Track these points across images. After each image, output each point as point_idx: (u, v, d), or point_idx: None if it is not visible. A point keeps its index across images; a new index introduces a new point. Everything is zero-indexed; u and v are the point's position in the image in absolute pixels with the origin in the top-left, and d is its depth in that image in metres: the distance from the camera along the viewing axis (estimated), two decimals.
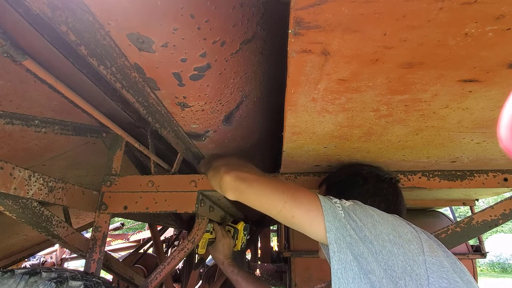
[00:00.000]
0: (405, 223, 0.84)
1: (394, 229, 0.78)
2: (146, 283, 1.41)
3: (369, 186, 1.04)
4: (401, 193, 1.10)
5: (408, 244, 0.75)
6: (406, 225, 0.82)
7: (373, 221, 0.78)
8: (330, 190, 1.13)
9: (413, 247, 0.75)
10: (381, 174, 1.10)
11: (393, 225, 0.79)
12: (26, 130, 1.23)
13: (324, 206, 0.80)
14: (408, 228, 0.80)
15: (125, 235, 6.48)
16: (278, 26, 0.77)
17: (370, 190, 1.04)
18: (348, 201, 0.86)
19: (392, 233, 0.76)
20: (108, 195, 1.39)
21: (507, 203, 1.34)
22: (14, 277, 0.93)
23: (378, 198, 1.02)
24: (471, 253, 2.47)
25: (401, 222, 0.83)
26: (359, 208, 0.82)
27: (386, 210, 0.97)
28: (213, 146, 1.20)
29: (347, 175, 1.12)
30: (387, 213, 0.85)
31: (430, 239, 0.83)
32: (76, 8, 0.63)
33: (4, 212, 1.02)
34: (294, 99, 0.71)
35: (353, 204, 0.83)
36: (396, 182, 1.11)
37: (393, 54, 0.54)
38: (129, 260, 3.66)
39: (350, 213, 0.79)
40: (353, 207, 0.82)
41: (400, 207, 1.05)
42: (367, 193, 1.03)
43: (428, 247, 0.77)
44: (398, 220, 0.83)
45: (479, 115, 0.79)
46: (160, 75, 0.72)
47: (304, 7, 0.44)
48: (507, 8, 0.44)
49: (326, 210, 0.79)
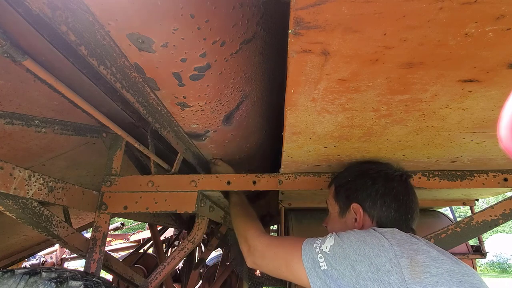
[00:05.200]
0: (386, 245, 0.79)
1: (371, 264, 0.77)
2: (146, 283, 1.41)
3: (378, 187, 1.01)
4: (413, 190, 1.06)
5: (388, 276, 0.73)
6: (383, 252, 0.78)
7: (351, 262, 0.79)
8: (338, 192, 1.10)
9: (393, 278, 0.73)
10: (390, 172, 1.06)
11: (369, 258, 0.77)
12: (26, 130, 1.23)
13: (306, 265, 0.87)
14: (385, 257, 0.76)
15: (125, 235, 6.48)
16: (278, 26, 0.77)
17: (379, 190, 1.01)
18: (328, 241, 0.87)
19: (370, 269, 0.76)
20: (108, 195, 1.39)
21: (507, 203, 1.34)
22: (14, 277, 0.93)
23: (388, 198, 0.99)
24: (471, 253, 2.47)
25: (378, 250, 0.78)
26: (338, 249, 0.83)
27: (398, 210, 0.99)
28: (213, 146, 1.20)
29: (355, 176, 1.09)
30: (362, 240, 0.82)
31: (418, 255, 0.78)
32: (76, 8, 0.63)
33: (4, 212, 1.02)
34: (294, 99, 0.71)
35: (332, 246, 0.84)
36: (406, 179, 1.06)
37: (393, 54, 0.54)
38: (129, 260, 3.66)
39: (331, 262, 0.82)
40: (333, 250, 0.83)
41: (412, 206, 1.02)
42: (377, 194, 1.00)
43: (411, 273, 0.73)
44: (375, 247, 0.79)
45: (479, 115, 0.79)
46: (160, 75, 0.72)
47: (304, 7, 0.44)
48: (507, 8, 0.44)
49: (309, 269, 0.86)
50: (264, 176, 1.37)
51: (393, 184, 1.03)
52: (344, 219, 1.05)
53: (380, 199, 0.99)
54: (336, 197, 1.10)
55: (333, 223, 1.10)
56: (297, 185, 1.35)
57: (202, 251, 3.86)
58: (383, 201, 0.99)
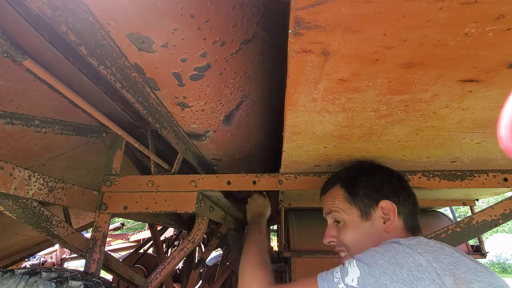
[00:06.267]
0: (423, 263, 0.68)
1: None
2: (146, 283, 1.41)
3: (394, 181, 0.97)
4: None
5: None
6: (424, 273, 0.67)
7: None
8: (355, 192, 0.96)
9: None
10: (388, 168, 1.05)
11: (410, 284, 0.66)
12: (26, 130, 1.23)
13: None
14: (428, 278, 0.66)
15: (125, 235, 6.48)
16: (278, 26, 0.77)
17: (396, 184, 0.96)
18: (352, 271, 0.74)
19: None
20: (108, 195, 1.39)
21: (507, 203, 1.34)
22: (14, 277, 0.93)
23: (406, 192, 0.96)
24: (471, 253, 2.47)
25: (418, 271, 0.67)
26: (370, 279, 0.70)
27: (414, 204, 0.96)
28: (213, 146, 1.20)
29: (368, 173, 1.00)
30: (394, 263, 0.70)
31: (458, 269, 0.69)
32: (76, 8, 0.63)
33: (4, 212, 1.02)
34: (294, 99, 0.71)
35: (361, 277, 0.71)
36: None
37: (393, 54, 0.54)
38: (129, 260, 3.66)
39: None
40: (364, 282, 0.70)
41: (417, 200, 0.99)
42: (396, 189, 0.95)
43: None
44: (413, 269, 0.68)
45: (479, 115, 0.79)
46: (160, 75, 0.72)
47: (304, 7, 0.44)
48: (507, 8, 0.44)
49: None
50: (264, 176, 1.37)
51: (400, 178, 1.01)
52: (370, 221, 0.92)
53: (400, 194, 0.94)
54: (352, 199, 0.96)
55: (352, 231, 0.93)
56: (297, 185, 1.35)
57: (202, 251, 3.86)
58: (403, 196, 0.94)
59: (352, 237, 0.93)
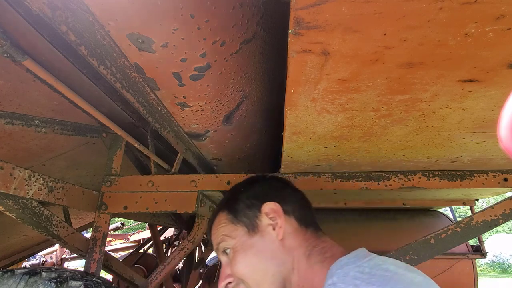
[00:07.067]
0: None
1: None
2: (146, 283, 1.41)
3: (274, 182, 0.88)
4: None
5: None
6: None
7: None
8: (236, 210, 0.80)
9: None
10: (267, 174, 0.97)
11: None
12: (26, 130, 1.23)
13: None
14: None
15: (125, 235, 6.48)
16: (278, 26, 0.77)
17: (278, 185, 0.87)
18: None
19: None
20: (108, 195, 1.39)
21: (507, 203, 1.34)
22: (14, 277, 0.93)
23: (290, 189, 0.86)
24: (471, 253, 2.47)
25: None
26: None
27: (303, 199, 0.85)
28: (213, 146, 1.20)
29: (246, 186, 0.88)
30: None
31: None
32: (76, 8, 0.63)
33: (4, 212, 1.02)
34: (294, 99, 0.71)
35: None
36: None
37: (393, 54, 0.54)
38: (129, 260, 3.66)
39: None
40: None
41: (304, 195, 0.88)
42: (278, 189, 0.85)
43: None
44: None
45: (479, 115, 0.79)
46: (160, 75, 0.72)
47: (304, 7, 0.44)
48: (507, 8, 0.44)
49: None
50: None
51: (279, 179, 0.92)
52: (258, 233, 0.75)
53: (283, 192, 0.84)
54: (235, 216, 0.80)
55: (241, 255, 0.73)
56: (297, 185, 1.33)
57: (202, 251, 3.86)
58: (287, 193, 0.83)
59: (244, 263, 0.73)
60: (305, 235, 0.77)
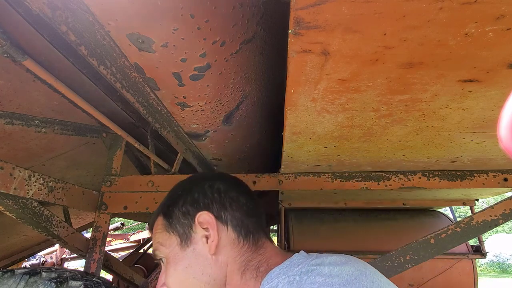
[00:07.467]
0: None
1: None
2: (146, 283, 1.41)
3: (218, 184, 0.75)
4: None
5: None
6: None
7: None
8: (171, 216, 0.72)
9: None
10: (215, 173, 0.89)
11: None
12: (26, 130, 1.23)
13: None
14: None
15: (125, 235, 6.48)
16: (278, 26, 0.77)
17: (221, 188, 0.75)
18: None
19: None
20: (108, 195, 1.39)
21: (507, 203, 1.34)
22: (14, 277, 0.93)
23: (234, 194, 0.74)
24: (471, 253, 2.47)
25: None
26: None
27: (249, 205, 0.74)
28: (213, 146, 1.20)
29: (185, 188, 0.77)
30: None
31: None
32: (76, 8, 0.63)
33: (4, 212, 1.02)
34: (294, 99, 0.71)
35: None
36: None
37: (393, 54, 0.54)
38: (129, 260, 3.66)
39: None
40: None
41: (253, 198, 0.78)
42: (220, 193, 0.74)
43: None
44: None
45: (479, 115, 0.79)
46: (160, 75, 0.72)
47: (304, 7, 0.44)
48: (507, 8, 0.44)
49: None
50: (264, 176, 1.37)
51: (225, 179, 0.79)
52: (191, 247, 0.68)
53: (225, 197, 0.73)
54: (170, 224, 0.72)
55: (172, 268, 0.68)
56: (297, 185, 1.35)
57: None
58: (229, 198, 0.73)
59: (173, 277, 0.68)
60: (241, 248, 0.69)
